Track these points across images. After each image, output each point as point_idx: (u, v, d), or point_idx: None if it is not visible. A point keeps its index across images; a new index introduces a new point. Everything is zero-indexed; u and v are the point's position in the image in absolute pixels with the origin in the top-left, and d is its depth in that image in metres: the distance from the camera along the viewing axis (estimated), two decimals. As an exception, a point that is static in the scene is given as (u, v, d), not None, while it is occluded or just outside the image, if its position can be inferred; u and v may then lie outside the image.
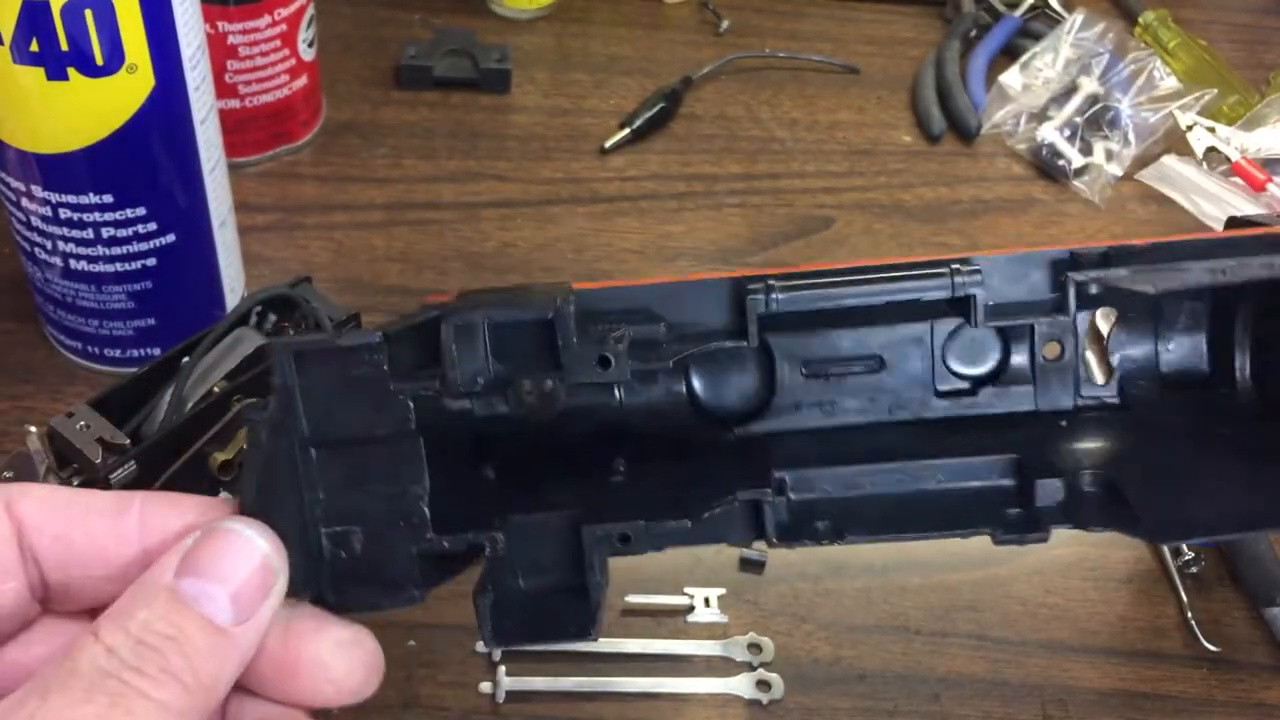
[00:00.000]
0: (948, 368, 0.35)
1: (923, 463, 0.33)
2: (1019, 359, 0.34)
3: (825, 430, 0.35)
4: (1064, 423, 0.34)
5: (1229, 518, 0.32)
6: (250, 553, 0.28)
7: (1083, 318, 0.34)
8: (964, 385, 0.35)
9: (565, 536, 0.32)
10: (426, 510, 0.32)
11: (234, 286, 0.63)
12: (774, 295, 0.32)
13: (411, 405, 0.32)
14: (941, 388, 0.35)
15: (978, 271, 0.32)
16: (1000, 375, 0.35)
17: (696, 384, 0.35)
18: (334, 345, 0.31)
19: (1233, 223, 0.34)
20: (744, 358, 0.35)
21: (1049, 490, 0.32)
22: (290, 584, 0.30)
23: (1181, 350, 0.35)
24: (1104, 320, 0.35)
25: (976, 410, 0.35)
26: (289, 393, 0.31)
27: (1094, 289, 0.32)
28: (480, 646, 0.52)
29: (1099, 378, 0.35)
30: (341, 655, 0.29)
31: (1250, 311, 0.34)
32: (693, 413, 0.35)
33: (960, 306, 0.32)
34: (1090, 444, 0.34)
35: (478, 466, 0.34)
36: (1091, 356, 0.35)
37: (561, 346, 0.32)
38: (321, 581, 0.32)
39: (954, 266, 0.32)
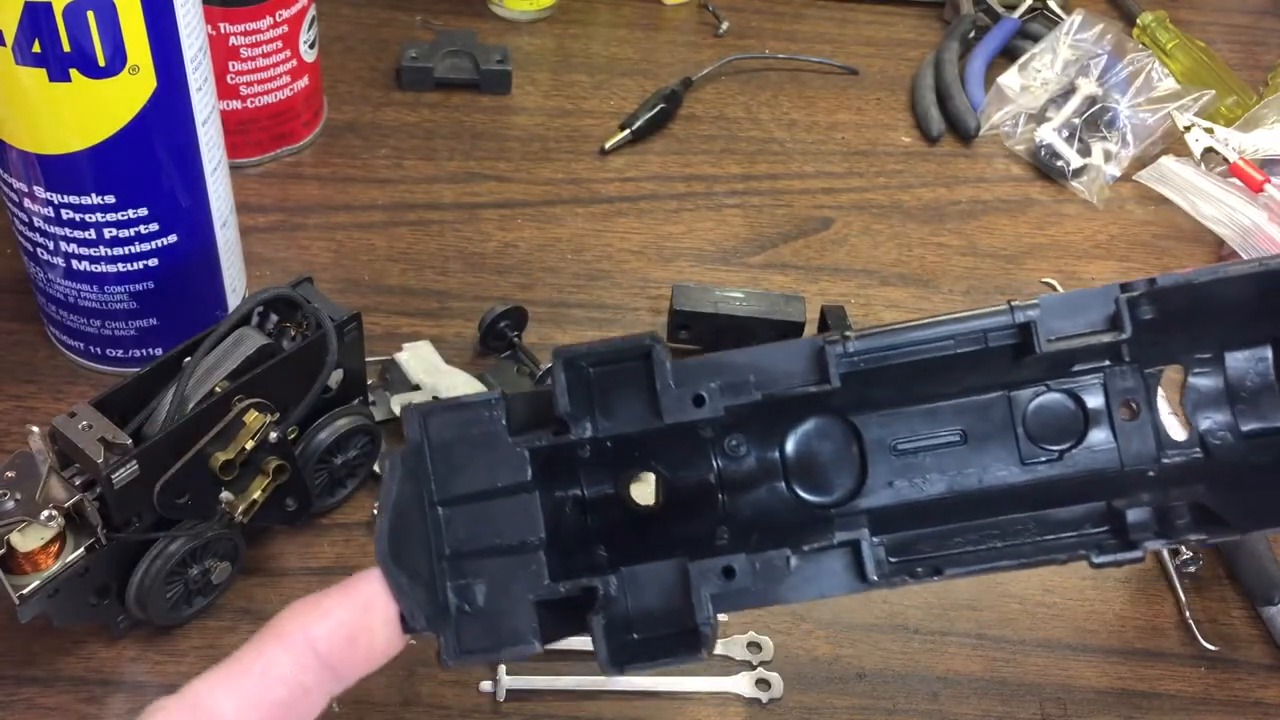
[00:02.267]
0: (1030, 437, 0.37)
1: (1014, 517, 0.36)
2: (1098, 425, 0.37)
3: (918, 501, 0.37)
4: (1151, 473, 0.37)
5: None
6: None
7: (1155, 376, 0.36)
8: (1047, 453, 0.37)
9: (674, 579, 0.34)
10: (544, 558, 0.34)
11: (235, 287, 0.63)
12: (850, 343, 0.34)
13: (528, 456, 0.34)
14: (1026, 456, 0.37)
15: (1036, 305, 0.34)
16: (1081, 440, 0.37)
17: (794, 478, 0.37)
18: (457, 402, 0.34)
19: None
20: (836, 443, 0.37)
21: (1139, 515, 0.35)
22: (421, 623, 0.33)
23: (1256, 404, 0.37)
24: (1174, 378, 0.37)
25: (1062, 471, 0.37)
26: (420, 449, 0.34)
27: (1148, 313, 0.34)
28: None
29: (1179, 434, 0.37)
30: None
31: None
32: (792, 501, 0.37)
33: (1024, 339, 0.34)
34: (1177, 486, 0.36)
35: (589, 544, 0.36)
36: (1168, 415, 0.37)
37: (659, 388, 0.34)
38: (446, 632, 0.34)
39: (1012, 302, 0.34)
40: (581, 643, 0.53)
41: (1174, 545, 0.34)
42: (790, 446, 0.37)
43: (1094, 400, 0.37)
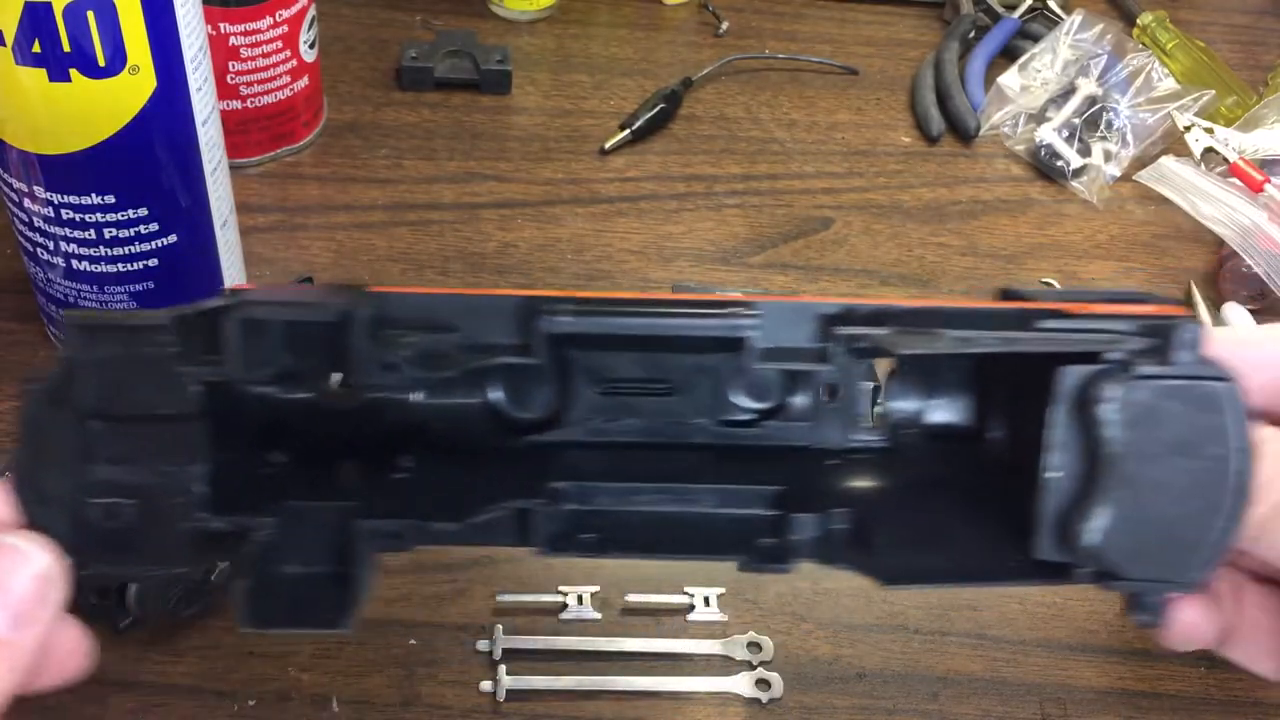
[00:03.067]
0: (732, 399, 0.37)
1: (695, 485, 0.35)
2: (800, 397, 0.37)
3: (610, 446, 0.36)
4: (833, 461, 0.36)
5: (953, 571, 0.34)
6: (27, 565, 0.30)
7: (863, 366, 0.36)
8: (746, 417, 0.37)
9: (337, 528, 0.33)
10: (202, 490, 0.33)
11: (235, 287, 0.63)
12: (561, 318, 0.33)
13: (197, 388, 0.32)
14: (725, 417, 0.36)
15: (757, 315, 0.33)
16: (781, 411, 0.37)
17: (493, 391, 0.36)
18: (123, 323, 0.32)
19: (1005, 295, 0.36)
20: (542, 370, 0.36)
21: (803, 524, 0.33)
22: (56, 542, 0.31)
23: (947, 406, 0.37)
24: (881, 370, 0.37)
25: (754, 441, 0.37)
26: (71, 364, 0.32)
27: (862, 343, 0.33)
28: (481, 645, 0.53)
29: (870, 423, 0.37)
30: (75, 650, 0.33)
31: (1007, 376, 0.36)
32: (487, 417, 0.36)
33: (737, 345, 0.33)
34: (852, 484, 0.36)
35: (268, 451, 0.35)
36: (866, 403, 0.37)
37: (351, 350, 0.32)
38: (88, 549, 0.32)
39: (735, 309, 0.33)
40: (578, 643, 0.53)
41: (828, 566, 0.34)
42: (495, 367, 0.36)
43: (803, 375, 0.37)
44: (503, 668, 0.51)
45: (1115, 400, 0.30)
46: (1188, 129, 0.81)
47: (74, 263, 0.57)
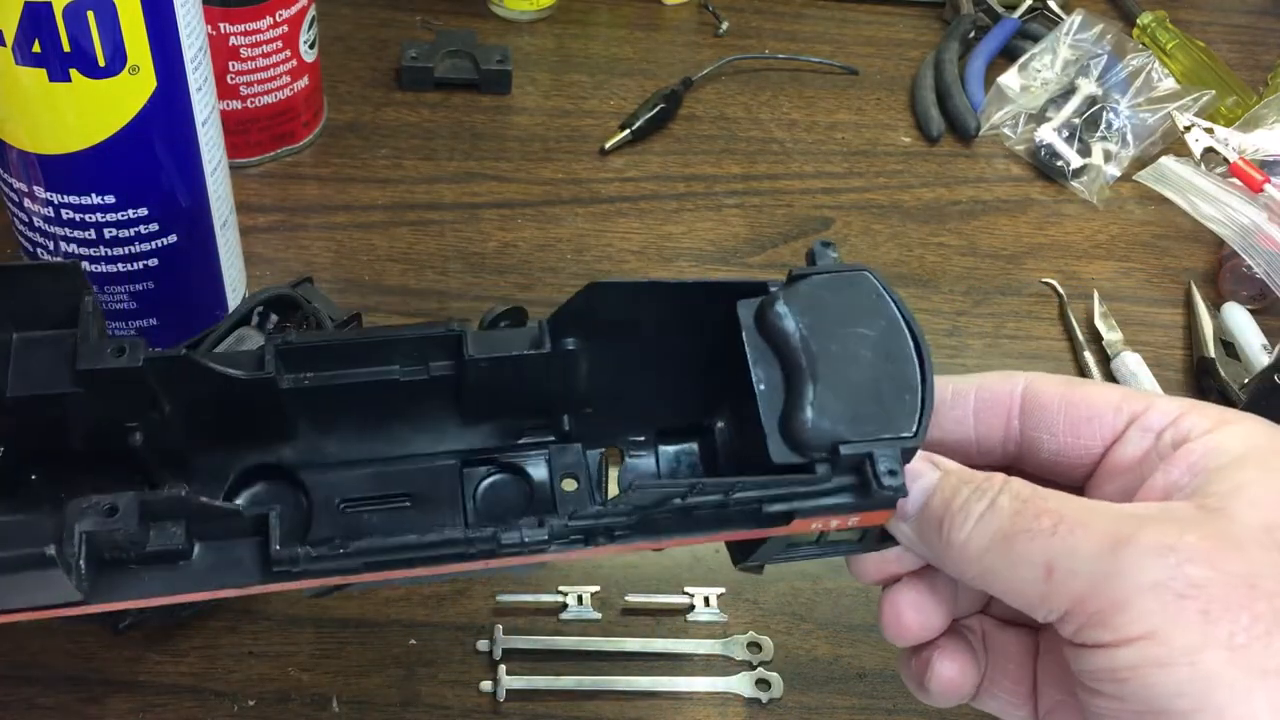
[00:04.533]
0: (478, 511, 0.38)
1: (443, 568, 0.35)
2: (542, 495, 0.38)
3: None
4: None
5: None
6: None
7: (594, 457, 0.39)
8: (487, 530, 0.36)
9: (50, 510, 0.31)
10: None
11: (235, 287, 0.63)
12: (289, 336, 0.35)
13: None
14: (471, 525, 0.37)
15: (467, 320, 0.36)
16: (526, 511, 0.38)
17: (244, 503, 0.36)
18: None
19: None
20: (284, 501, 0.36)
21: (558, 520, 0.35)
22: None
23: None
24: (614, 461, 0.39)
25: (500, 548, 0.37)
26: None
27: (571, 345, 0.36)
28: (481, 645, 0.52)
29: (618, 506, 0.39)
30: None
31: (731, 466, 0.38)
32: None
33: (454, 345, 0.35)
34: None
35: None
36: (609, 486, 0.39)
37: (80, 336, 0.33)
38: None
39: (450, 323, 0.36)
40: (578, 643, 0.53)
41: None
42: (240, 501, 0.36)
43: (539, 474, 0.38)
44: (503, 668, 0.51)
45: (782, 300, 0.34)
46: (1188, 129, 0.81)
47: (74, 263, 0.57)
